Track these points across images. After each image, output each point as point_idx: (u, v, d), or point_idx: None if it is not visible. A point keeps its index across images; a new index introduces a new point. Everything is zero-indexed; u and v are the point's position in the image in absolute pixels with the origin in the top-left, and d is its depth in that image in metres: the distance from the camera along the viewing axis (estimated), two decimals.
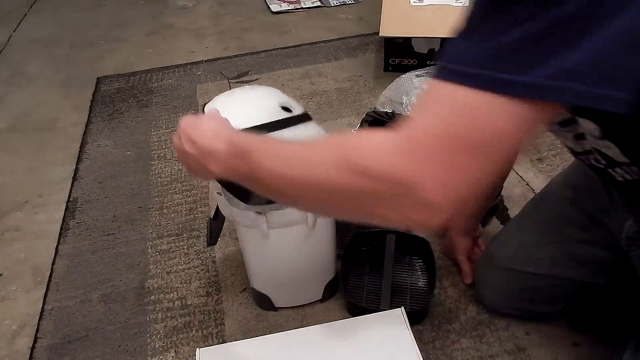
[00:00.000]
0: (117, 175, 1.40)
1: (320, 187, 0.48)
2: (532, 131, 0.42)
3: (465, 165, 0.42)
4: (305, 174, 0.49)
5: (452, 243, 1.06)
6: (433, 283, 1.00)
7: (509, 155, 0.43)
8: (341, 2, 2.29)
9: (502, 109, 0.40)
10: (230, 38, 2.10)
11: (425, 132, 0.42)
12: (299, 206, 0.56)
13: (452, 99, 0.41)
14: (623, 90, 0.38)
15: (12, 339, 1.02)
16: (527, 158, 1.34)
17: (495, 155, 0.42)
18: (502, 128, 0.40)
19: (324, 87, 1.69)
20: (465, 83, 0.40)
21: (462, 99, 0.41)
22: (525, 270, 0.89)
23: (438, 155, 0.41)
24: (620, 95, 0.38)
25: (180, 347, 0.97)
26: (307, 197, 0.51)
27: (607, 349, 0.90)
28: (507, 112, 0.40)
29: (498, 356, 0.91)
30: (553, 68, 0.38)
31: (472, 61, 0.40)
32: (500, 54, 0.39)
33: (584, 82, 0.38)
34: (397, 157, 0.43)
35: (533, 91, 0.39)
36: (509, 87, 0.39)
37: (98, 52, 2.08)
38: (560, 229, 0.87)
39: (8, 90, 1.87)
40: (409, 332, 0.89)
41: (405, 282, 1.03)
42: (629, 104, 0.39)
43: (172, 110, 1.66)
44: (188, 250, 1.16)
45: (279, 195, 0.55)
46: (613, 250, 0.80)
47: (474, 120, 0.40)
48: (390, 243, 1.05)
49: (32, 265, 1.17)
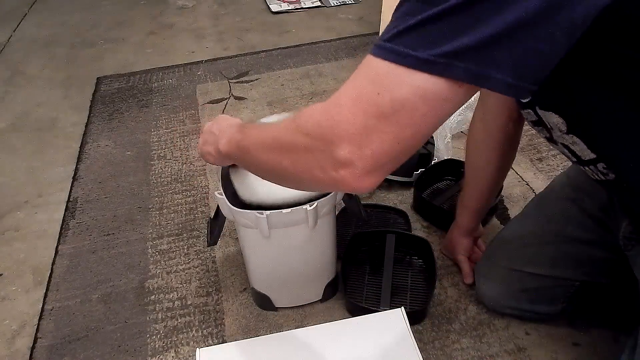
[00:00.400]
0: (117, 175, 1.40)
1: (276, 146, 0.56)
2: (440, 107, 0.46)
3: (378, 130, 0.46)
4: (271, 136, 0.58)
5: (452, 243, 1.06)
6: (433, 283, 1.00)
7: (421, 127, 0.47)
8: (341, 2, 2.29)
9: (405, 80, 0.45)
10: (230, 38, 2.10)
11: (345, 95, 0.48)
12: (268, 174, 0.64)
13: (369, 68, 0.47)
14: (505, 74, 0.43)
15: (12, 339, 1.02)
16: (527, 158, 1.34)
17: (405, 124, 0.46)
18: (406, 98, 0.45)
19: (324, 87, 1.69)
20: (380, 55, 0.46)
21: (374, 69, 0.46)
22: (526, 271, 0.89)
23: (354, 118, 0.46)
24: (502, 78, 0.43)
25: (180, 347, 0.97)
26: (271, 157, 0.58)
27: (607, 349, 0.90)
28: (409, 83, 0.44)
29: (498, 356, 0.91)
30: (446, 47, 0.43)
31: (388, 37, 0.46)
32: (407, 31, 0.44)
33: (471, 62, 0.43)
34: (321, 117, 0.49)
35: (426, 65, 0.44)
36: (408, 60, 0.44)
37: (98, 52, 2.08)
38: (561, 228, 0.87)
39: (8, 90, 1.87)
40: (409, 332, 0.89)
41: (405, 282, 1.03)
42: (516, 89, 0.44)
43: (172, 110, 1.66)
44: (188, 250, 1.16)
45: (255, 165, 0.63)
46: (613, 250, 0.80)
47: (383, 89, 0.45)
48: (391, 243, 1.05)
49: (32, 265, 1.17)
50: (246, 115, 1.60)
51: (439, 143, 1.33)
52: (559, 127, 0.62)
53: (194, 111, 1.65)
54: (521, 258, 0.90)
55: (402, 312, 0.94)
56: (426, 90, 0.44)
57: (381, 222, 1.18)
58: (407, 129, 0.47)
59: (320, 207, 0.85)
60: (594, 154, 0.62)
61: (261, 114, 1.60)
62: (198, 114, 1.63)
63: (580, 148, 0.63)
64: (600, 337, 0.92)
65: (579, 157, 0.65)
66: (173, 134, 1.55)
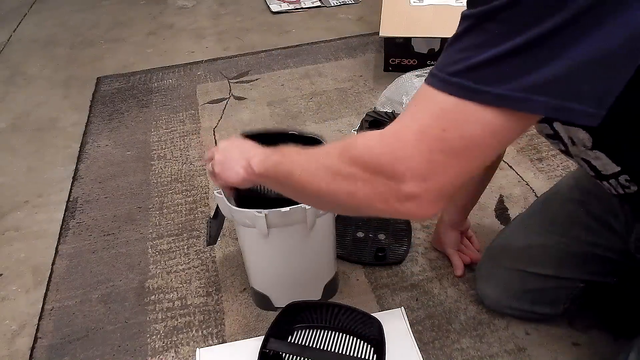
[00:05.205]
0: (117, 175, 1.40)
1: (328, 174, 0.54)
2: (508, 138, 0.46)
3: (444, 165, 0.46)
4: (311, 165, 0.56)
5: (440, 237, 1.07)
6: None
7: (486, 158, 0.47)
8: (341, 2, 2.29)
9: (476, 117, 0.44)
10: (230, 38, 2.10)
11: (407, 130, 0.47)
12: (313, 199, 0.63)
13: (433, 103, 0.46)
14: (587, 105, 0.42)
15: (12, 339, 1.02)
16: (527, 158, 1.34)
17: (471, 158, 0.46)
18: (476, 134, 0.44)
19: (324, 87, 1.69)
20: (445, 90, 0.44)
21: (439, 104, 0.45)
22: (530, 271, 0.89)
23: (419, 155, 0.46)
24: (584, 109, 0.42)
25: (180, 347, 0.97)
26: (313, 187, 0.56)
27: (607, 349, 0.90)
28: (480, 120, 0.44)
29: (498, 356, 0.91)
30: (524, 82, 0.42)
31: (454, 71, 0.44)
32: (479, 66, 0.43)
33: (551, 96, 0.42)
34: (381, 151, 0.48)
35: (502, 101, 0.42)
36: (482, 96, 0.43)
37: (98, 52, 2.08)
38: (567, 230, 0.87)
39: (8, 90, 1.87)
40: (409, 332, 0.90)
41: None
42: (594, 117, 0.42)
43: (172, 110, 1.66)
44: (188, 250, 1.16)
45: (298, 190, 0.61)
46: (620, 253, 0.80)
47: (450, 125, 0.45)
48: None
49: (32, 265, 1.17)
50: (246, 115, 1.60)
51: None
52: (584, 143, 0.62)
53: (194, 111, 1.65)
54: (525, 259, 0.90)
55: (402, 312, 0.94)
56: (498, 125, 0.44)
57: (381, 221, 1.18)
58: (474, 162, 0.47)
59: None
60: (619, 167, 0.62)
61: (261, 114, 1.60)
62: (198, 114, 1.63)
63: (603, 162, 0.63)
64: (600, 337, 0.92)
65: (599, 171, 0.65)
66: (173, 134, 1.55)
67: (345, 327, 0.92)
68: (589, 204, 0.85)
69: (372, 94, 1.63)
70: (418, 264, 1.09)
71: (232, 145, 0.75)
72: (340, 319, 0.91)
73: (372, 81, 1.70)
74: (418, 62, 1.68)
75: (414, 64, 1.68)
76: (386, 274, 1.07)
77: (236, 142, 0.75)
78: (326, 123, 1.53)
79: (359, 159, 0.50)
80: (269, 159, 0.65)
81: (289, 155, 0.62)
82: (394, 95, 1.48)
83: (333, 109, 1.59)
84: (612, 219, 0.80)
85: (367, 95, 1.63)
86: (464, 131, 0.44)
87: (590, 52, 0.40)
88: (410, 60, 1.69)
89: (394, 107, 1.44)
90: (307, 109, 1.60)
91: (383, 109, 1.45)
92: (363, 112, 1.46)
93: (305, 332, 0.91)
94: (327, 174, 0.54)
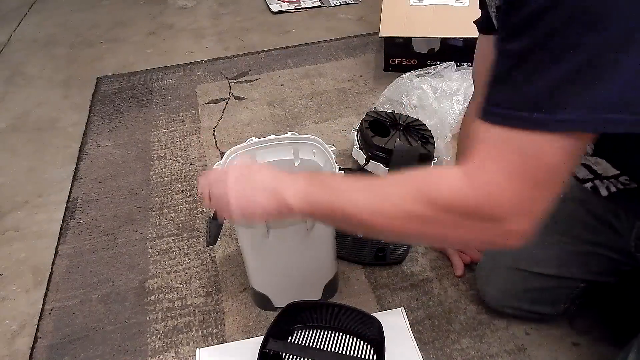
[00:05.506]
0: (117, 175, 1.40)
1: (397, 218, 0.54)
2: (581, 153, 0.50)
3: (536, 196, 0.49)
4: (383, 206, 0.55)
5: None
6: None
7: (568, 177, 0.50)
8: (341, 2, 2.29)
9: (552, 145, 0.46)
10: (230, 38, 2.10)
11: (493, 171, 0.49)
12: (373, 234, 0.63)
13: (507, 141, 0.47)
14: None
15: (12, 339, 1.02)
16: None
17: (557, 182, 0.49)
18: (556, 161, 0.47)
19: (324, 87, 1.69)
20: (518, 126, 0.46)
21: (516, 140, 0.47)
22: (531, 271, 0.89)
23: (514, 194, 0.48)
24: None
25: (180, 347, 0.97)
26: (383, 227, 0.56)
27: (607, 349, 0.90)
28: (557, 147, 0.46)
29: (498, 356, 0.91)
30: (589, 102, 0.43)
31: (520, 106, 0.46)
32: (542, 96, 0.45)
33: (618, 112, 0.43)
34: (476, 196, 0.49)
35: (574, 125, 0.44)
36: (555, 126, 0.45)
37: (98, 52, 2.08)
38: (568, 229, 0.87)
39: (8, 90, 1.87)
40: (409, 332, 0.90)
41: None
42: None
43: (172, 110, 1.66)
44: (188, 250, 1.16)
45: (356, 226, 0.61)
46: (620, 253, 0.80)
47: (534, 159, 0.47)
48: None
49: (32, 265, 1.17)
50: (246, 115, 1.60)
51: (438, 143, 1.32)
52: (585, 151, 0.63)
53: (194, 111, 1.65)
54: (527, 258, 0.90)
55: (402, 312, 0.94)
56: (572, 146, 0.46)
57: None
58: (560, 184, 0.50)
59: None
60: (618, 171, 0.63)
61: (261, 114, 1.60)
62: (198, 114, 1.63)
63: (603, 167, 0.64)
64: (600, 337, 0.92)
65: (599, 174, 0.66)
66: (173, 134, 1.55)
67: (345, 327, 0.92)
68: (590, 202, 0.85)
69: (372, 94, 1.63)
70: (418, 264, 1.09)
71: (248, 172, 0.66)
72: (340, 319, 0.91)
73: (372, 81, 1.70)
74: (418, 62, 1.68)
75: (414, 64, 1.68)
76: (386, 274, 1.07)
77: (253, 169, 0.67)
78: (326, 123, 1.53)
79: (448, 205, 0.51)
80: (313, 195, 0.59)
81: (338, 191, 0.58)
82: (394, 95, 1.48)
83: (333, 109, 1.59)
84: (613, 218, 0.80)
85: (367, 95, 1.63)
86: (546, 161, 0.47)
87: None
88: (410, 60, 1.69)
89: (394, 107, 1.44)
90: (307, 109, 1.60)
91: (383, 109, 1.45)
92: (363, 112, 1.46)
93: (305, 332, 0.91)
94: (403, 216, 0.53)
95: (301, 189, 0.60)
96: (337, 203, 0.58)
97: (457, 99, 1.41)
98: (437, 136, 1.33)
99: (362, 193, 0.57)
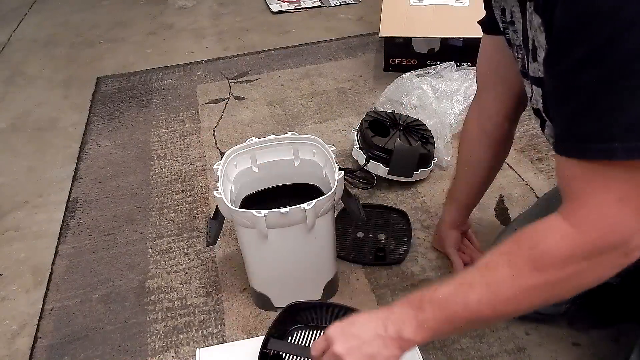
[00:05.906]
0: (117, 175, 1.40)
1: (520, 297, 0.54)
2: None
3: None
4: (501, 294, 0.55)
5: (441, 236, 1.07)
6: None
7: None
8: (341, 2, 2.29)
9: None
10: (230, 38, 2.10)
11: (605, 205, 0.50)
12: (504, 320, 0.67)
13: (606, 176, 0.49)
14: None
15: (12, 339, 1.02)
16: (527, 158, 1.34)
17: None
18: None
19: (324, 87, 1.69)
20: (612, 157, 0.48)
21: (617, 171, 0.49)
22: None
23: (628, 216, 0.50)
24: None
25: (180, 347, 0.97)
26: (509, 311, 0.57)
27: (607, 349, 0.90)
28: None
29: (498, 356, 0.91)
30: None
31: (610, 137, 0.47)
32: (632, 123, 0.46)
33: None
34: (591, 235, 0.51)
35: None
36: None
37: (98, 52, 2.08)
38: None
39: (8, 90, 1.87)
40: None
41: None
42: None
43: (172, 110, 1.66)
44: (188, 250, 1.16)
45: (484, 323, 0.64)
46: None
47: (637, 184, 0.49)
48: None
49: (32, 265, 1.17)
50: (246, 115, 1.60)
51: (439, 143, 1.33)
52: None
53: (194, 111, 1.65)
54: None
55: None
56: None
57: (381, 222, 1.18)
58: None
59: (319, 207, 0.85)
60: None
61: (261, 114, 1.60)
62: (198, 114, 1.63)
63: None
64: (600, 337, 0.92)
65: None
66: (173, 134, 1.55)
67: None
68: None
69: (372, 94, 1.63)
70: (418, 264, 1.09)
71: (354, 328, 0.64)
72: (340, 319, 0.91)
73: (372, 81, 1.70)
74: (418, 62, 1.68)
75: (414, 64, 1.68)
76: (386, 274, 1.07)
77: (357, 322, 0.65)
78: (326, 123, 1.53)
79: (567, 259, 0.51)
80: (428, 322, 0.58)
81: (447, 302, 0.57)
82: (394, 95, 1.48)
83: (333, 109, 1.59)
84: None
85: (367, 95, 1.63)
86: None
87: None
88: (410, 60, 1.69)
89: (394, 107, 1.44)
90: (307, 109, 1.60)
91: (383, 109, 1.45)
92: (363, 112, 1.46)
93: (305, 332, 0.91)
94: (526, 292, 0.54)
95: (414, 321, 0.59)
96: (453, 316, 0.57)
97: (457, 99, 1.41)
98: (437, 136, 1.33)
99: (472, 292, 0.56)
